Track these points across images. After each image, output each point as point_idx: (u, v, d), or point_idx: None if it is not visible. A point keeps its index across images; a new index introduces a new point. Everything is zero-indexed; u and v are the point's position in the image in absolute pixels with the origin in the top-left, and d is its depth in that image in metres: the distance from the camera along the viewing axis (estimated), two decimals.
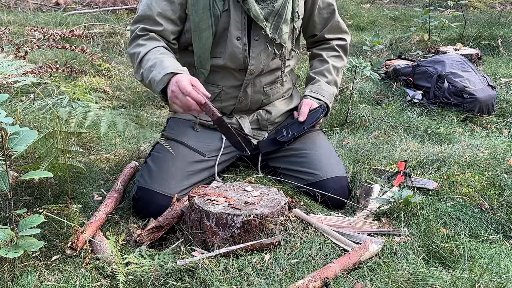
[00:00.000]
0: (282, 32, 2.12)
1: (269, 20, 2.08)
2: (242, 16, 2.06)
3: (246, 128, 2.22)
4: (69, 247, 1.74)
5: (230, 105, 2.21)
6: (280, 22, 2.10)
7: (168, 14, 2.06)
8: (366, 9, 7.35)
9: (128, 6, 6.52)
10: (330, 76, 2.34)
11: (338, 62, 2.38)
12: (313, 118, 2.22)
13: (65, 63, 3.51)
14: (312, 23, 2.31)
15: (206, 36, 2.07)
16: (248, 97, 2.20)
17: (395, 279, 1.51)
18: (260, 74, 2.17)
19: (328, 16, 2.31)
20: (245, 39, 2.09)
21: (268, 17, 2.07)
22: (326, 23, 2.33)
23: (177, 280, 1.58)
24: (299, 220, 1.87)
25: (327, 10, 2.30)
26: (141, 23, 2.07)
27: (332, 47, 2.37)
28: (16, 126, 1.70)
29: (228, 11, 2.05)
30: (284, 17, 2.10)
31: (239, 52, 2.09)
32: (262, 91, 2.22)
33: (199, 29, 2.06)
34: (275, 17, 2.08)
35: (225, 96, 2.18)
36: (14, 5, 6.60)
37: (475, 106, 3.35)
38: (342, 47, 2.39)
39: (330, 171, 2.13)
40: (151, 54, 1.98)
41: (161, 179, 2.03)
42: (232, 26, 2.06)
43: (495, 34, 5.05)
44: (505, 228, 1.94)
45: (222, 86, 2.17)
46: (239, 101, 2.20)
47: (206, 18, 2.04)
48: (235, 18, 2.05)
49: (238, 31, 2.07)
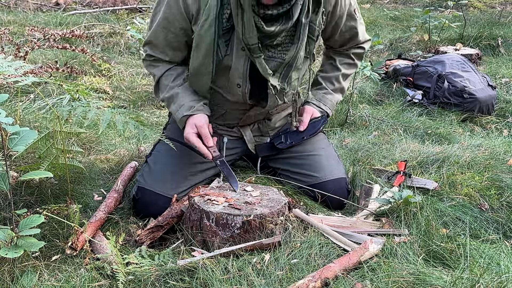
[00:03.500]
0: (291, 79, 2.03)
1: (278, 71, 1.97)
2: (245, 65, 1.95)
3: (247, 137, 2.22)
4: (69, 247, 1.74)
5: (234, 123, 2.20)
6: (289, 71, 1.99)
7: (175, 46, 2.03)
8: (366, 9, 7.36)
9: (128, 6, 6.52)
10: (338, 85, 2.28)
11: (350, 70, 2.31)
12: (313, 129, 2.20)
13: (65, 63, 3.51)
14: (332, 41, 2.22)
15: (204, 81, 2.00)
16: (252, 118, 2.18)
17: (395, 279, 1.51)
18: None
19: (349, 37, 2.20)
20: (246, 87, 2.00)
21: (277, 69, 1.97)
22: (347, 42, 2.23)
23: (177, 280, 1.58)
24: (299, 220, 1.87)
25: (349, 33, 2.17)
26: (148, 47, 2.07)
27: (348, 54, 2.28)
28: (16, 126, 1.69)
29: (230, 56, 1.94)
30: (294, 65, 1.98)
31: (239, 97, 2.04)
32: (266, 112, 2.18)
33: (199, 73, 1.99)
34: (284, 68, 1.98)
35: (230, 116, 2.17)
36: (14, 5, 6.60)
37: (475, 106, 3.35)
38: (358, 55, 2.31)
39: (329, 173, 2.13)
40: (166, 79, 2.06)
41: (161, 180, 2.03)
42: (233, 73, 1.97)
43: (495, 34, 5.05)
44: (505, 228, 1.94)
45: (227, 109, 2.14)
46: (242, 121, 2.18)
47: (208, 64, 1.95)
48: (237, 66, 1.95)
49: (239, 79, 1.98)
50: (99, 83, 3.80)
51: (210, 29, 1.88)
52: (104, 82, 3.88)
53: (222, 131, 2.20)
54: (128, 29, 4.69)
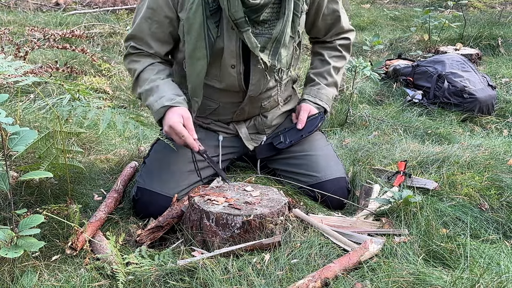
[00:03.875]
0: (281, 56, 2.05)
1: (267, 48, 2.00)
2: (237, 43, 1.97)
3: (242, 134, 2.22)
4: (69, 247, 1.74)
5: (227, 118, 2.20)
6: (278, 48, 2.02)
7: (160, 36, 2.04)
8: (366, 9, 7.36)
9: (128, 6, 6.52)
10: (330, 78, 2.30)
11: (339, 62, 2.33)
12: (311, 126, 2.20)
13: (65, 63, 3.52)
14: (316, 28, 2.26)
15: (200, 65, 1.99)
16: (246, 112, 2.18)
17: (395, 279, 1.51)
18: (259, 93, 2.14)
19: (332, 22, 2.25)
20: (241, 67, 2.02)
21: (266, 45, 2.00)
22: (330, 28, 2.27)
23: (177, 280, 1.58)
24: (299, 220, 1.87)
25: (332, 17, 2.23)
26: (132, 41, 2.07)
27: (335, 47, 2.32)
28: (16, 126, 1.69)
29: (221, 37, 1.96)
30: (282, 41, 2.01)
31: (234, 79, 2.04)
32: (259, 106, 2.19)
33: (194, 57, 1.99)
34: (273, 43, 2.00)
35: (223, 110, 2.17)
36: (14, 5, 6.61)
37: (475, 106, 3.35)
38: (345, 46, 2.34)
39: (329, 173, 2.13)
40: (147, 73, 2.02)
41: (160, 179, 2.03)
42: (226, 54, 1.99)
43: (495, 34, 5.05)
44: (505, 228, 1.94)
45: (220, 102, 2.14)
46: (236, 115, 2.19)
47: (201, 47, 1.96)
48: (229, 46, 1.97)
49: (233, 59, 2.00)
50: (99, 83, 3.80)
51: (198, 11, 1.92)
52: (104, 82, 3.88)
53: (217, 127, 2.21)
54: (128, 29, 4.69)
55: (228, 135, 2.22)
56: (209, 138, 2.19)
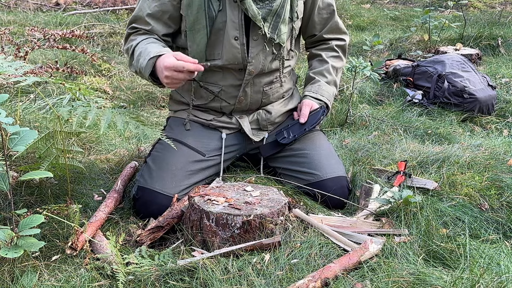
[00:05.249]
0: (280, 32, 2.11)
1: (267, 20, 2.08)
2: (239, 15, 2.05)
3: (245, 128, 2.22)
4: (69, 247, 1.74)
5: (230, 105, 2.21)
6: (278, 22, 2.09)
7: (158, 15, 2.09)
8: (366, 9, 7.36)
9: (128, 6, 6.52)
10: (330, 76, 2.34)
11: (337, 63, 2.38)
12: (314, 120, 2.22)
13: (65, 63, 3.52)
14: (312, 23, 2.31)
15: (200, 37, 2.07)
16: (248, 97, 2.20)
17: (395, 279, 1.51)
18: (259, 74, 2.17)
19: (327, 16, 2.31)
20: (243, 39, 2.08)
21: (266, 17, 2.07)
22: (326, 23, 2.33)
23: (177, 280, 1.58)
24: (299, 220, 1.87)
25: (327, 11, 2.30)
26: (133, 24, 2.13)
27: (331, 47, 2.38)
28: (16, 126, 1.69)
29: (223, 11, 2.04)
30: (282, 17, 2.09)
31: (237, 52, 2.08)
32: (261, 91, 2.21)
33: (194, 29, 2.07)
34: (273, 17, 2.08)
35: (225, 95, 2.18)
36: (14, 5, 6.60)
37: (475, 106, 3.35)
38: (341, 48, 2.40)
39: (330, 171, 2.13)
40: (140, 45, 2.04)
41: (161, 178, 2.03)
42: (229, 26, 2.05)
43: (495, 34, 5.05)
44: (505, 228, 1.94)
45: (221, 85, 2.16)
46: (238, 101, 2.20)
47: (201, 19, 2.04)
48: (232, 18, 2.05)
49: (236, 31, 2.06)
50: (99, 83, 3.80)
51: None
52: (104, 82, 3.88)
53: (220, 123, 2.22)
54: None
55: (231, 131, 2.22)
56: (212, 137, 2.19)
